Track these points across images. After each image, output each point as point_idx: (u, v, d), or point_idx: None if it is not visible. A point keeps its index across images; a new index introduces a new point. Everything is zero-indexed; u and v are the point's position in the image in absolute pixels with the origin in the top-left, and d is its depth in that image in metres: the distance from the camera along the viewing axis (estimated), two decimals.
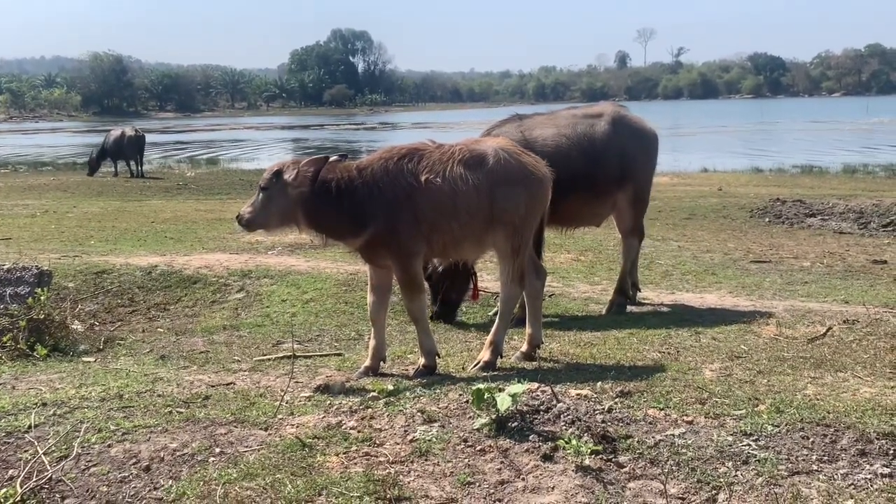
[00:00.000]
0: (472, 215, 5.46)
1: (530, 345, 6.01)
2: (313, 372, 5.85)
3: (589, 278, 9.61)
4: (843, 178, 24.22)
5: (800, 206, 15.87)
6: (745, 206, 16.24)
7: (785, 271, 9.95)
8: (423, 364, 5.63)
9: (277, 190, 5.30)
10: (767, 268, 10.21)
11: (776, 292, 8.74)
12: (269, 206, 5.34)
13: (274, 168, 5.38)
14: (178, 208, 17.19)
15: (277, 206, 5.33)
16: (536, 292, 6.00)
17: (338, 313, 7.98)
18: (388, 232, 5.32)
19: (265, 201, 5.34)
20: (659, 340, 6.45)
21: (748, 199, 17.40)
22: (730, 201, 17.20)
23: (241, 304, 8.47)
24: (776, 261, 10.67)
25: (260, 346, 6.90)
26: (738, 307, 8.02)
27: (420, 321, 5.61)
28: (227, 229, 13.30)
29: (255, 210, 5.37)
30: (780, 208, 15.69)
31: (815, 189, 19.82)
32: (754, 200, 17.13)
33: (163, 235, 12.62)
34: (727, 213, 15.48)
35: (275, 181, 5.32)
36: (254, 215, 5.38)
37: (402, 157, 5.48)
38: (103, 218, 15.10)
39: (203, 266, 9.56)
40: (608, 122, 7.79)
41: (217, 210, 16.85)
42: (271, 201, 5.33)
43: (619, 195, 7.87)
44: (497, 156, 5.55)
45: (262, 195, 5.35)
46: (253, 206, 5.36)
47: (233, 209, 17.00)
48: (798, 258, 10.86)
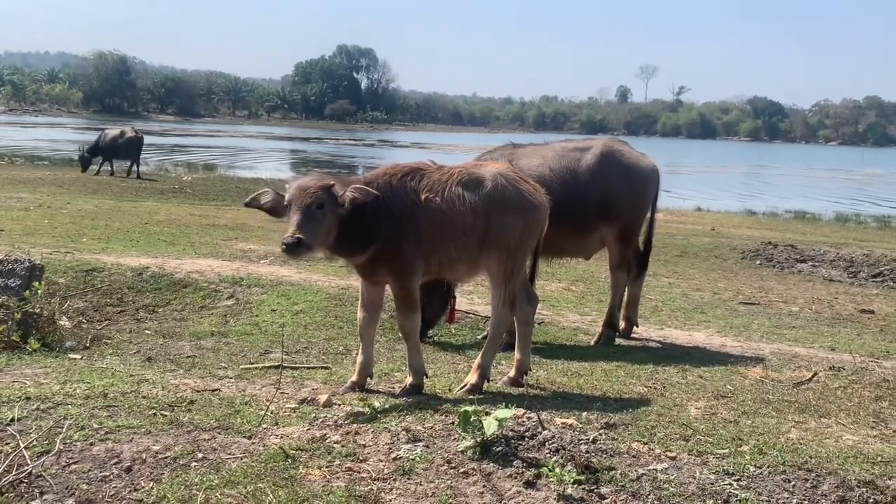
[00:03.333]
0: (467, 236, 5.51)
1: (518, 371, 6.02)
2: (299, 384, 5.85)
3: (579, 308, 9.65)
4: (835, 226, 24.42)
5: (791, 250, 15.98)
6: (736, 248, 16.35)
7: (773, 314, 10.01)
8: (411, 383, 5.63)
9: (330, 208, 5.08)
10: (756, 310, 10.27)
11: (764, 335, 8.79)
12: (325, 223, 5.06)
13: (316, 184, 5.05)
14: (173, 211, 17.18)
15: (329, 225, 5.09)
16: (527, 318, 6.02)
17: (327, 326, 7.99)
18: (392, 248, 5.35)
19: (320, 219, 5.03)
20: (646, 375, 6.48)
21: (740, 241, 17.52)
22: (722, 242, 17.31)
23: (231, 311, 8.47)
24: (765, 303, 10.74)
25: (247, 354, 6.90)
26: (726, 347, 8.06)
27: (411, 339, 5.63)
28: (220, 235, 13.30)
29: (314, 230, 4.97)
30: (772, 252, 15.79)
31: (806, 235, 19.98)
32: (746, 242, 17.25)
33: (156, 237, 12.60)
34: (719, 254, 15.57)
35: (327, 198, 5.05)
36: (316, 236, 4.98)
37: (405, 175, 5.53)
38: (97, 216, 15.07)
39: (194, 270, 9.55)
40: (594, 157, 7.86)
41: (211, 215, 16.84)
42: (325, 219, 5.06)
43: (604, 230, 7.93)
44: (495, 180, 5.60)
45: (318, 212, 4.99)
46: (308, 227, 4.94)
47: (228, 216, 17.02)
48: (787, 302, 10.93)
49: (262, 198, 5.26)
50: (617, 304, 8.23)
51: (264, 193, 5.28)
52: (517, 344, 6.09)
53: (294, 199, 5.05)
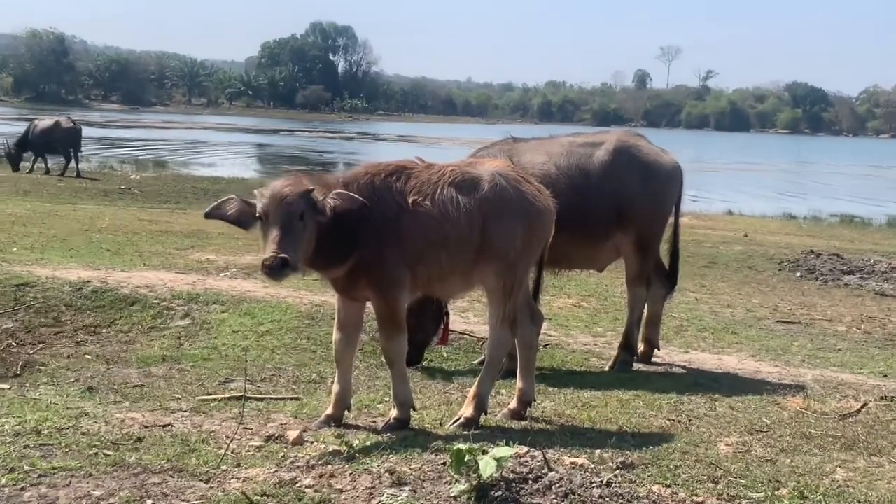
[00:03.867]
0: (461, 245, 5.53)
1: (520, 401, 6.02)
2: (265, 418, 5.83)
3: (591, 328, 9.67)
4: (887, 232, 24.54)
5: (836, 260, 16.04)
6: (773, 257, 16.42)
7: (816, 335, 10.05)
8: (396, 416, 5.63)
9: (310, 216, 5.08)
10: (796, 330, 10.31)
11: (805, 359, 8.82)
12: (306, 236, 5.06)
13: (295, 190, 5.03)
14: (118, 216, 17.14)
15: (310, 237, 5.09)
16: (530, 340, 6.03)
17: (297, 350, 7.97)
18: (374, 259, 5.36)
19: (302, 232, 5.03)
20: (668, 406, 6.49)
21: (777, 250, 17.59)
22: (756, 250, 17.37)
23: (185, 332, 8.45)
24: (806, 322, 10.78)
25: (204, 383, 6.88)
26: (761, 373, 8.08)
27: (396, 366, 5.63)
28: (173, 243, 13.28)
29: (297, 245, 4.96)
30: (814, 262, 15.86)
31: (854, 243, 20.08)
32: (784, 251, 17.32)
33: (98, 246, 12.57)
34: (753, 264, 15.62)
35: (307, 206, 5.04)
36: (299, 252, 4.98)
37: (389, 175, 5.55)
38: (29, 221, 15.02)
39: (143, 285, 9.53)
40: (608, 153, 7.90)
41: (163, 221, 16.80)
42: (307, 231, 5.06)
43: (619, 238, 7.96)
44: (493, 181, 5.62)
45: (299, 224, 5.00)
46: (291, 243, 4.92)
47: (182, 221, 16.98)
48: (832, 321, 10.97)
49: (226, 206, 5.24)
50: (635, 323, 8.25)
51: (228, 201, 5.26)
52: (519, 370, 6.09)
53: (270, 209, 5.02)
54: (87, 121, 37.00)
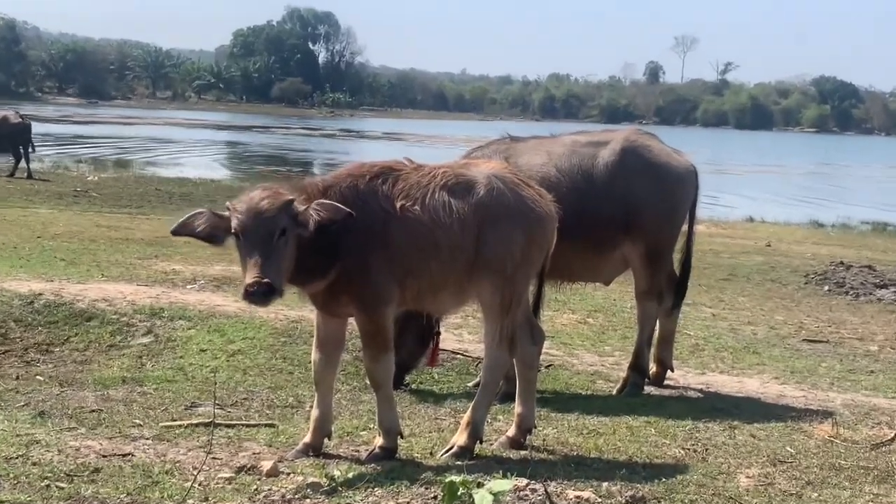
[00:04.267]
0: (453, 256, 5.55)
1: (520, 429, 6.03)
2: (236, 446, 5.81)
3: (598, 347, 9.69)
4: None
5: (868, 273, 16.09)
6: (798, 269, 16.46)
7: (846, 355, 10.08)
8: (381, 445, 5.63)
9: (292, 230, 5.08)
10: (824, 349, 10.34)
11: (833, 382, 8.85)
12: (288, 254, 5.09)
13: (275, 204, 5.04)
14: (74, 221, 17.10)
15: (292, 253, 5.11)
16: (530, 361, 6.04)
17: (272, 371, 7.95)
18: (358, 271, 5.37)
19: (284, 250, 5.05)
20: (683, 434, 6.50)
21: (803, 260, 17.64)
22: (780, 261, 17.42)
23: (148, 351, 8.42)
24: (835, 341, 10.81)
25: (169, 407, 6.86)
26: (785, 397, 8.10)
27: (382, 389, 5.63)
28: (135, 252, 13.26)
29: (281, 267, 5.01)
30: (844, 275, 15.89)
31: (888, 253, 20.15)
32: (811, 262, 17.37)
33: (51, 255, 12.53)
34: (776, 277, 15.67)
35: (288, 219, 5.04)
36: (283, 274, 5.03)
37: (375, 177, 5.57)
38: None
39: (101, 299, 9.51)
40: (614, 154, 7.92)
41: (124, 227, 16.76)
42: (289, 248, 5.08)
43: (627, 247, 7.98)
44: (490, 184, 5.64)
45: (281, 242, 5.02)
46: (274, 265, 4.95)
47: (145, 227, 16.96)
48: (863, 340, 11.01)
49: (195, 222, 5.21)
50: (646, 341, 8.27)
51: (198, 216, 5.23)
52: (518, 394, 6.09)
53: (246, 226, 5.02)
54: (39, 115, 36.94)
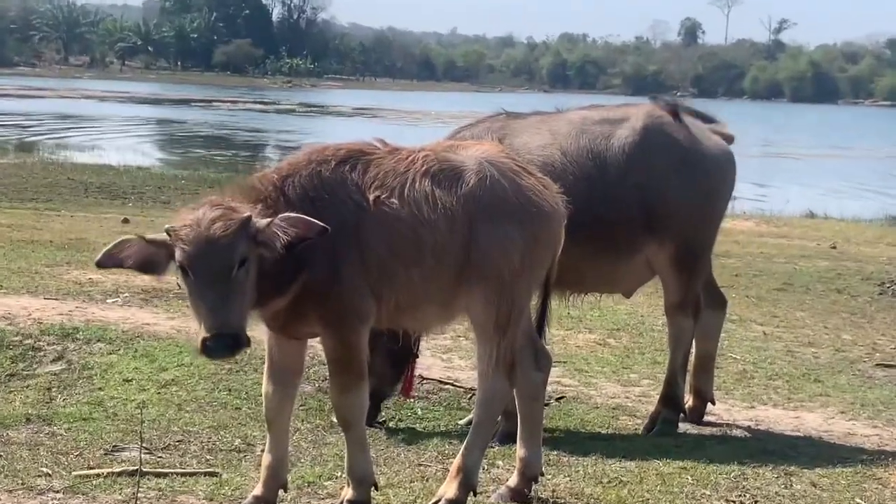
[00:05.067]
0: (440, 261, 5.54)
1: (523, 476, 6.01)
2: (169, 500, 5.80)
3: (621, 375, 9.68)
4: None
5: None
6: (871, 276, 16.46)
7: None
8: (350, 498, 5.61)
9: (252, 253, 5.04)
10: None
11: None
12: (249, 284, 5.07)
13: (231, 227, 4.98)
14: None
15: (254, 279, 5.10)
16: (534, 392, 6.03)
17: (215, 407, 7.92)
18: (326, 282, 5.35)
19: (245, 283, 5.03)
20: (727, 483, 6.49)
21: (877, 266, 17.64)
22: (848, 267, 17.43)
23: (59, 381, 8.38)
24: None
25: (84, 452, 6.81)
26: (855, 436, 8.11)
27: (353, 429, 5.61)
28: (42, 258, 13.21)
29: (244, 306, 5.04)
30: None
31: None
32: (887, 268, 17.35)
33: None
34: (843, 286, 15.66)
35: (246, 243, 5.00)
36: (246, 311, 5.06)
37: (341, 162, 5.56)
38: None
39: (0, 316, 9.48)
40: (633, 133, 7.91)
41: (28, 226, 16.70)
42: (250, 278, 5.07)
43: (652, 250, 7.97)
44: (481, 171, 5.64)
45: (241, 274, 5.00)
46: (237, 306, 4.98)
47: (55, 226, 16.89)
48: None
49: (123, 252, 5.16)
50: (679, 367, 8.25)
51: (126, 245, 5.15)
52: (520, 433, 6.08)
53: (196, 259, 4.96)
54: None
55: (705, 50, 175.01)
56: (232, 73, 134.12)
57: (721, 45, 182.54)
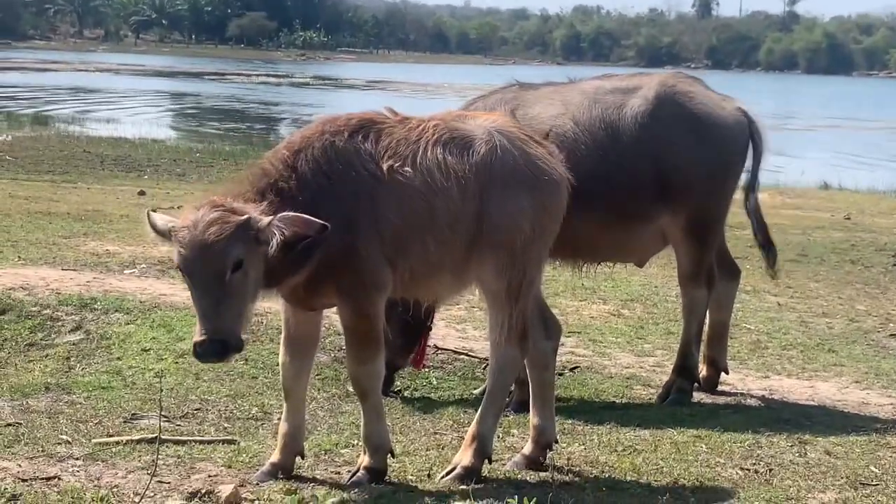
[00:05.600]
0: (453, 230, 5.57)
1: (537, 444, 6.05)
2: (188, 467, 5.82)
3: (635, 345, 9.70)
4: None
5: None
6: (886, 248, 16.41)
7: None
8: (367, 465, 5.65)
9: (253, 255, 5.05)
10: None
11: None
12: (248, 289, 5.10)
13: (227, 229, 4.96)
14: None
15: (255, 284, 5.14)
16: (544, 360, 6.07)
17: (231, 376, 7.95)
18: (344, 253, 5.37)
19: (241, 288, 5.04)
20: (741, 451, 6.51)
21: (891, 237, 17.57)
22: (863, 238, 17.38)
23: (78, 351, 8.42)
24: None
25: (104, 420, 6.85)
26: (869, 406, 8.11)
27: (369, 397, 5.64)
28: (59, 229, 13.25)
29: (238, 311, 5.04)
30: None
31: None
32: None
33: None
34: (857, 257, 15.62)
35: (243, 247, 4.99)
36: (242, 315, 5.09)
37: (354, 132, 5.56)
38: None
39: (18, 286, 9.51)
40: (647, 103, 7.89)
41: (45, 198, 16.74)
42: (248, 282, 5.09)
43: (665, 220, 7.96)
44: (490, 141, 5.66)
45: (236, 278, 5.00)
46: (228, 311, 4.98)
47: (72, 198, 16.94)
48: None
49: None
50: (693, 337, 8.26)
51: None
52: (532, 401, 6.12)
53: (190, 263, 4.99)
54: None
55: (720, 22, 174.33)
56: (246, 46, 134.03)
57: (735, 17, 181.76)
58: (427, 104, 46.79)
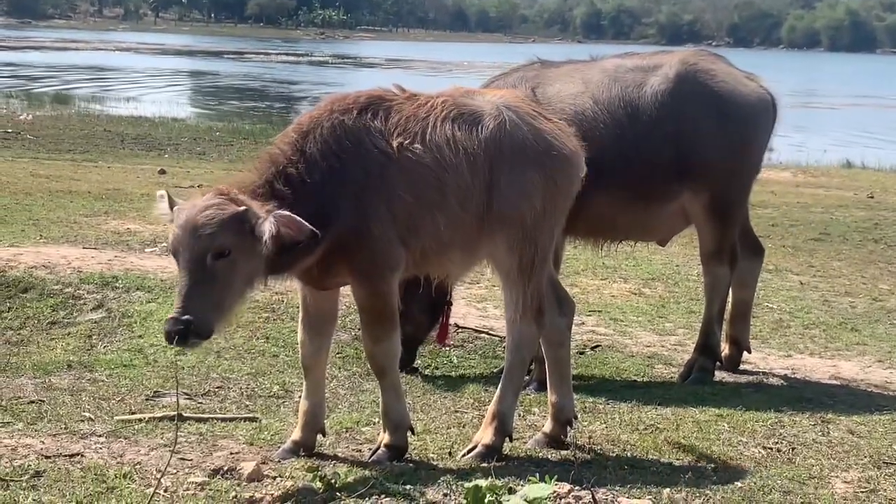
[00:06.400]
0: (463, 206, 5.57)
1: (557, 421, 6.05)
2: (209, 444, 5.85)
3: (656, 324, 9.69)
4: None
5: None
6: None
7: None
8: (388, 443, 5.66)
9: (243, 246, 5.03)
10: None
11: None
12: (234, 279, 5.08)
13: (214, 217, 4.97)
14: (4, 170, 17.15)
15: (246, 276, 5.13)
16: (559, 337, 6.07)
17: (252, 354, 8.00)
18: (356, 233, 5.37)
19: (223, 276, 5.02)
20: (763, 430, 6.50)
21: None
22: (885, 217, 17.30)
23: (99, 329, 8.48)
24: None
25: (126, 397, 6.91)
26: (892, 385, 8.09)
27: (387, 375, 5.65)
28: (81, 208, 13.31)
29: (213, 299, 4.99)
30: None
31: None
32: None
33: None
34: (881, 236, 15.56)
35: (234, 237, 4.99)
36: (217, 308, 5.04)
37: (364, 110, 5.55)
38: None
39: (40, 265, 9.56)
40: (667, 81, 7.86)
41: (67, 177, 16.82)
42: (235, 271, 5.07)
43: (687, 198, 7.94)
44: (499, 116, 5.65)
45: (219, 266, 4.99)
46: (201, 297, 4.95)
47: (93, 177, 16.99)
48: None
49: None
50: (716, 317, 8.25)
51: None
52: (549, 378, 6.13)
53: (177, 244, 5.00)
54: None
55: (741, 0, 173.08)
56: (265, 24, 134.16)
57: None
58: (446, 82, 46.66)
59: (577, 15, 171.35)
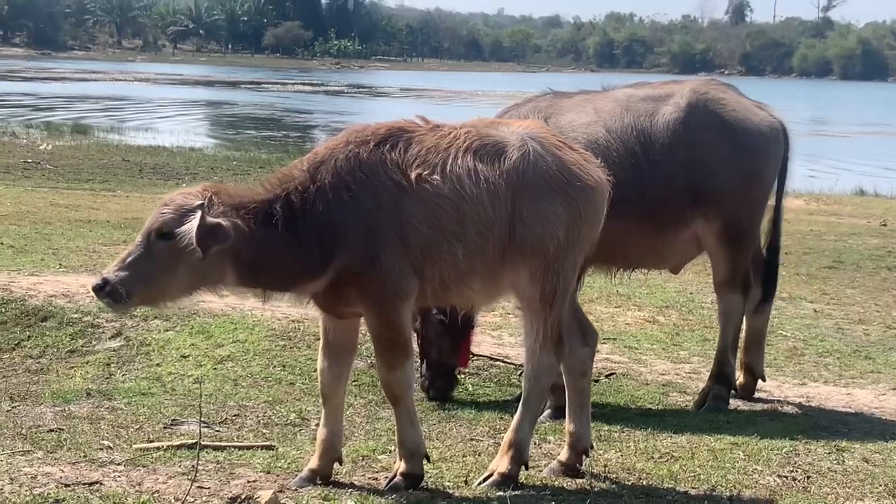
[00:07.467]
0: (484, 237, 5.56)
1: (573, 450, 6.04)
2: (227, 473, 5.85)
3: (671, 352, 9.67)
4: None
5: None
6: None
7: None
8: (404, 471, 5.66)
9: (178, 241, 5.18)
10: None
11: None
12: (176, 264, 5.25)
13: (179, 203, 5.26)
14: (24, 200, 17.23)
15: (192, 264, 5.24)
16: (581, 367, 6.05)
17: (270, 382, 7.98)
18: (366, 263, 5.40)
19: (168, 257, 5.23)
20: (778, 458, 6.47)
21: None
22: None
23: (118, 357, 8.48)
24: None
25: (144, 426, 6.91)
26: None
27: (402, 403, 5.66)
28: (100, 237, 13.35)
29: (141, 272, 5.22)
30: None
31: None
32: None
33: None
34: (893, 264, 15.46)
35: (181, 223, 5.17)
36: (140, 280, 5.23)
37: (381, 142, 5.57)
38: None
39: (59, 294, 9.59)
40: (678, 110, 7.88)
41: (86, 206, 16.88)
42: (170, 256, 5.23)
43: (699, 226, 7.95)
44: (524, 147, 5.65)
45: (157, 245, 5.24)
46: (135, 266, 5.23)
47: (112, 206, 17.06)
48: None
49: None
50: (730, 345, 8.23)
51: None
52: (568, 407, 6.10)
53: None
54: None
55: (753, 28, 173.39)
56: (281, 55, 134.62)
57: (769, 23, 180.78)
58: (461, 112, 46.78)
59: (590, 44, 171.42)
